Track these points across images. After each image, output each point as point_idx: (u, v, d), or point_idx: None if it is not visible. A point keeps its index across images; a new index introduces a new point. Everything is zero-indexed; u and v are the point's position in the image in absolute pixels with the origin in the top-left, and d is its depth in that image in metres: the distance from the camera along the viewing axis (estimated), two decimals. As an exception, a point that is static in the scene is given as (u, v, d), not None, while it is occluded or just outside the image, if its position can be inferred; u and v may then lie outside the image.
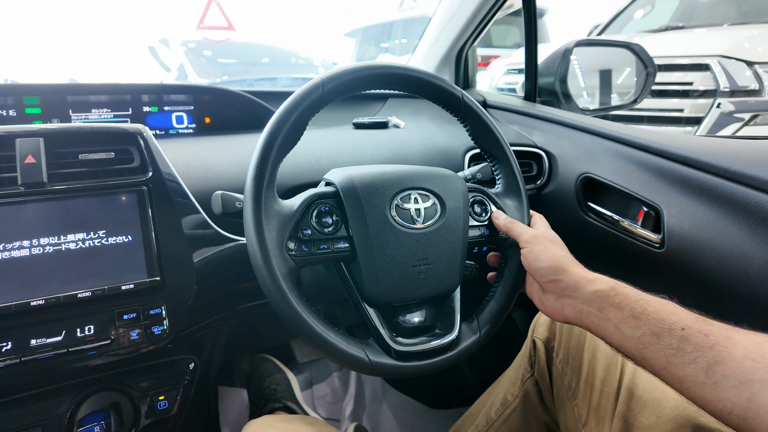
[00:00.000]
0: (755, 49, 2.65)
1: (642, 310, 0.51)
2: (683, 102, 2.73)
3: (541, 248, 0.63)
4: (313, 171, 0.88)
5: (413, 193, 0.66)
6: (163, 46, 4.02)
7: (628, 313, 0.52)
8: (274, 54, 4.51)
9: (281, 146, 0.60)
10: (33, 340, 0.59)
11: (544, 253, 0.62)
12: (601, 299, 0.54)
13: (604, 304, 0.54)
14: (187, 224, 0.69)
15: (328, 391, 1.46)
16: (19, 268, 0.59)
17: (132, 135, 0.69)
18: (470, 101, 0.72)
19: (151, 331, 0.64)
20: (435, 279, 0.65)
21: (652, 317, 0.50)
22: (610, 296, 0.54)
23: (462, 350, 0.65)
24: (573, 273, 0.59)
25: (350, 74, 0.64)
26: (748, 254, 0.71)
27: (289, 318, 0.57)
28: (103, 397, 0.67)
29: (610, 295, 0.54)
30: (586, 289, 0.56)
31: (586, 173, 1.00)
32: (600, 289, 0.55)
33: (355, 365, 0.59)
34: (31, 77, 6.03)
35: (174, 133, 1.02)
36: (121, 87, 0.97)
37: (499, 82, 3.55)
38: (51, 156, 0.64)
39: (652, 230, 0.87)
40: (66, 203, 0.63)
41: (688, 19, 3.47)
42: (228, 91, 1.05)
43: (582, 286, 0.57)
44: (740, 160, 0.75)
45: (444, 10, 1.36)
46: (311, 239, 0.61)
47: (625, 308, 0.52)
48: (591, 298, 0.56)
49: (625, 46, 1.41)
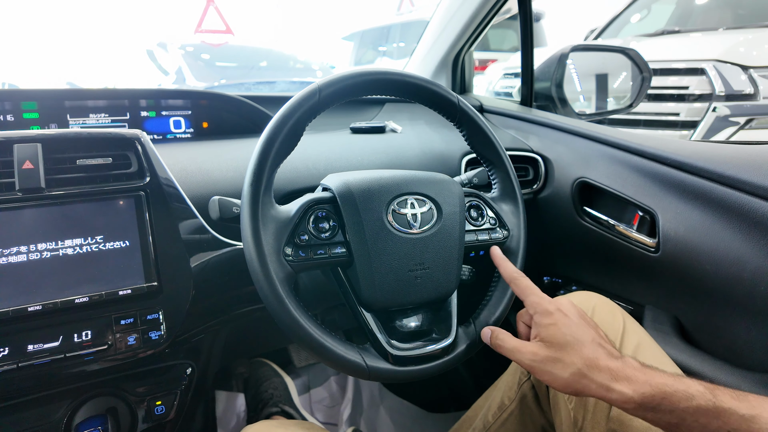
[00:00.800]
0: (750, 53, 2.67)
1: (679, 420, 0.48)
2: (679, 106, 2.74)
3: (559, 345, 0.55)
4: (311, 176, 0.88)
5: (410, 198, 0.66)
6: (161, 49, 4.03)
7: (664, 424, 0.49)
8: (272, 58, 4.52)
9: (278, 152, 0.61)
10: (30, 345, 0.59)
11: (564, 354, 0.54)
12: (631, 413, 0.51)
13: (637, 414, 0.51)
14: (185, 229, 0.70)
15: (326, 395, 1.45)
16: (17, 273, 0.59)
17: (129, 140, 0.70)
18: (466, 107, 0.73)
19: (148, 336, 0.64)
20: (432, 283, 0.65)
21: (691, 424, 0.48)
22: (641, 411, 0.50)
23: (459, 354, 0.65)
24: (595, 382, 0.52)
25: (347, 80, 0.64)
26: (742, 258, 0.72)
27: (286, 323, 0.57)
28: (100, 402, 0.67)
29: (641, 410, 0.50)
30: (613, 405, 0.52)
31: (581, 178, 1.00)
32: (626, 408, 0.51)
33: (352, 370, 0.59)
34: (29, 81, 6.02)
35: (171, 138, 1.02)
36: (118, 92, 0.97)
37: (496, 86, 3.56)
38: (49, 161, 0.64)
39: (647, 234, 0.88)
40: (63, 208, 0.63)
41: (684, 24, 3.50)
42: (226, 95, 1.05)
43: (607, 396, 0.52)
44: (734, 165, 0.75)
45: (441, 15, 1.37)
46: (308, 244, 0.62)
47: (661, 420, 0.49)
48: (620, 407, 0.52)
49: (621, 51, 1.42)
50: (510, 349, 0.59)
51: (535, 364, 0.56)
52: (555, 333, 0.56)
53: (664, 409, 0.48)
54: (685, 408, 0.47)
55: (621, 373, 0.51)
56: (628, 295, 0.95)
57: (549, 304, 0.59)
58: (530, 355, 0.57)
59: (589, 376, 0.52)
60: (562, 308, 0.59)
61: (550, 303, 0.60)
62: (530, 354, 0.57)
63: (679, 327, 0.84)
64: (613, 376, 0.51)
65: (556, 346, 0.55)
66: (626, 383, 0.50)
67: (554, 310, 0.58)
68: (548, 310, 0.58)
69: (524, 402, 0.83)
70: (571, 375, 0.53)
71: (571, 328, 0.56)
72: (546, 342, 0.56)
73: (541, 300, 0.60)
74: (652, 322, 0.85)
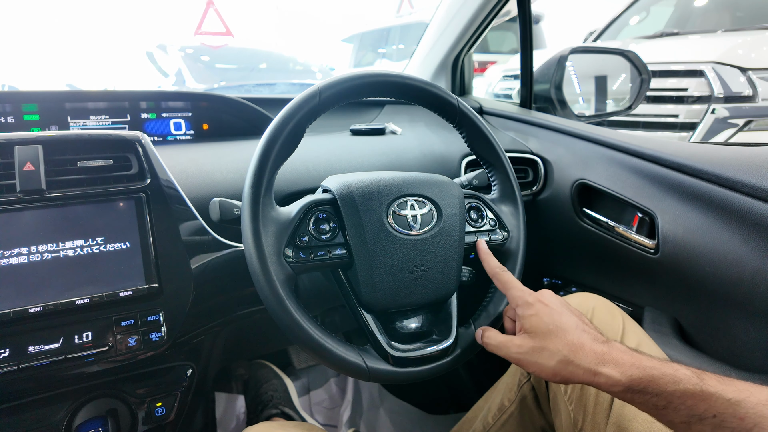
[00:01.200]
0: (749, 55, 2.67)
1: (666, 403, 0.48)
2: (678, 108, 2.75)
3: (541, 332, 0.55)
4: (311, 177, 0.88)
5: (410, 200, 0.67)
6: (161, 51, 4.04)
7: (651, 406, 0.49)
8: (271, 60, 4.53)
9: (279, 153, 0.61)
10: (31, 347, 0.59)
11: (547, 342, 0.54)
12: (618, 396, 0.51)
13: (624, 397, 0.51)
14: (185, 231, 0.70)
15: (326, 396, 1.45)
16: (18, 275, 0.59)
17: (130, 142, 0.70)
18: (466, 108, 0.73)
19: (148, 338, 0.64)
20: (432, 285, 0.65)
21: (678, 407, 0.48)
22: (628, 394, 0.50)
23: (459, 356, 0.65)
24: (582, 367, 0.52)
25: (347, 82, 0.65)
26: (741, 260, 0.72)
27: (287, 324, 0.57)
28: (100, 404, 0.67)
29: (628, 392, 0.50)
30: (601, 389, 0.52)
31: (581, 179, 1.01)
32: (614, 391, 0.51)
33: (352, 371, 0.60)
34: (29, 82, 6.02)
35: (172, 140, 1.03)
36: (119, 94, 0.98)
37: (495, 87, 3.57)
38: (50, 163, 0.65)
39: (646, 236, 0.88)
40: (64, 210, 0.64)
41: (682, 26, 3.50)
42: (226, 97, 1.06)
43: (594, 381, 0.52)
44: (733, 167, 0.76)
45: (440, 17, 1.38)
46: (308, 246, 0.62)
47: (648, 402, 0.49)
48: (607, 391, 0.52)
49: (620, 53, 1.43)
50: (497, 345, 0.60)
51: (521, 356, 0.56)
52: (537, 323, 0.56)
53: (651, 391, 0.49)
54: (672, 391, 0.48)
55: (607, 357, 0.51)
56: (628, 296, 0.95)
57: (529, 296, 0.60)
58: (515, 347, 0.57)
59: (575, 362, 0.52)
60: (542, 299, 0.59)
61: (531, 295, 0.61)
62: (515, 347, 0.57)
63: (678, 328, 0.84)
64: (600, 360, 0.51)
65: (540, 336, 0.56)
66: (613, 366, 0.51)
67: (534, 301, 0.59)
68: (529, 302, 0.59)
69: (524, 403, 0.83)
70: (557, 363, 0.53)
71: (553, 317, 0.56)
72: (530, 333, 0.57)
73: (522, 293, 0.61)
74: (651, 323, 0.85)
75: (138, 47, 4.43)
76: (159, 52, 4.04)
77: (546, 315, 0.57)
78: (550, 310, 0.57)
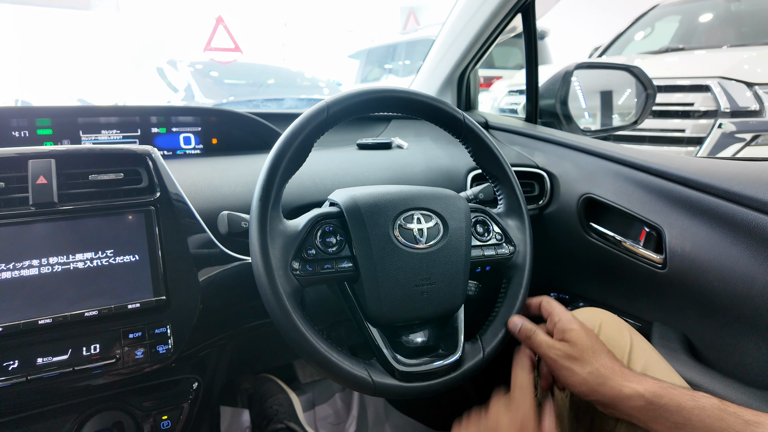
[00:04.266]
0: (755, 70, 2.67)
1: (684, 420, 0.51)
2: (685, 122, 2.75)
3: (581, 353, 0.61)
4: (318, 191, 0.89)
5: (416, 214, 0.67)
6: (170, 67, 4.10)
7: (671, 425, 0.52)
8: (279, 75, 4.58)
9: (287, 168, 0.62)
10: (39, 358, 0.59)
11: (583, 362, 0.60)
12: (640, 413, 0.55)
13: (642, 417, 0.55)
14: (193, 243, 0.70)
15: (331, 412, 1.44)
16: (28, 286, 0.60)
17: (140, 156, 0.71)
18: (471, 123, 0.74)
19: (155, 350, 0.64)
20: (438, 299, 0.65)
21: (696, 425, 0.50)
22: (649, 408, 0.54)
23: (465, 371, 0.65)
24: (608, 383, 0.57)
25: (355, 98, 0.65)
26: (750, 275, 0.71)
27: (293, 338, 0.57)
28: (106, 417, 0.67)
29: (650, 406, 0.54)
30: (624, 405, 0.56)
31: (587, 194, 1.00)
32: (637, 406, 0.55)
33: (358, 386, 0.59)
34: (42, 98, 6.13)
35: (181, 154, 1.04)
36: (129, 109, 0.99)
37: (501, 102, 3.59)
38: (62, 177, 0.66)
39: (654, 251, 0.88)
40: (75, 223, 0.64)
41: (688, 41, 3.52)
42: (235, 113, 1.07)
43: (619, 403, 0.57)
44: (740, 182, 0.75)
45: (446, 34, 1.39)
46: (315, 259, 0.62)
47: (668, 420, 0.53)
48: (629, 413, 0.56)
49: (625, 69, 1.43)
50: (539, 342, 0.64)
51: (558, 358, 0.62)
52: (581, 336, 0.62)
53: (671, 408, 0.52)
54: (691, 408, 0.51)
55: (633, 377, 0.57)
56: (636, 311, 0.94)
57: (573, 316, 0.67)
58: (555, 349, 0.62)
59: (604, 375, 0.58)
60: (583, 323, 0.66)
61: (575, 315, 0.67)
62: (556, 348, 0.62)
63: (687, 344, 0.83)
64: (626, 378, 0.57)
65: (579, 347, 0.61)
66: (637, 383, 0.56)
67: (578, 322, 0.65)
68: (572, 320, 0.65)
69: (531, 420, 0.82)
70: (588, 374, 0.59)
71: (592, 339, 0.63)
72: (571, 342, 0.62)
73: (566, 312, 0.68)
74: (660, 339, 0.84)
75: (148, 63, 4.51)
76: (169, 68, 4.10)
77: (589, 334, 0.63)
78: (591, 333, 0.64)
